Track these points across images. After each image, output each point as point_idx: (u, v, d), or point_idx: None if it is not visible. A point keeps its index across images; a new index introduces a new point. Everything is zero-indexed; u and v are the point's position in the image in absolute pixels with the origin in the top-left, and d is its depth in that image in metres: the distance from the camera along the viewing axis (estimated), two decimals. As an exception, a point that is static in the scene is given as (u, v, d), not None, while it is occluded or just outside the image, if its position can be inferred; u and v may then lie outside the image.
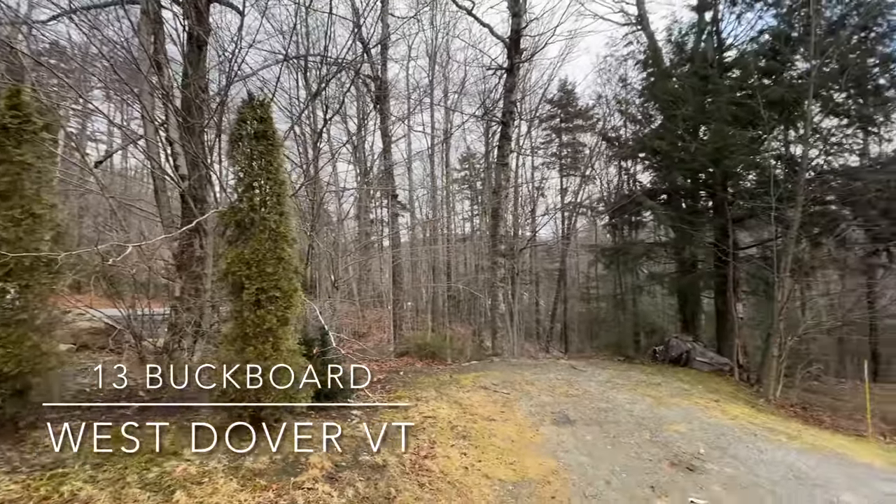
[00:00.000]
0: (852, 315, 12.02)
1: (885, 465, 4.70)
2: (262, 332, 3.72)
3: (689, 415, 5.84)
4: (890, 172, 8.88)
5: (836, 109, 10.10)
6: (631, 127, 16.34)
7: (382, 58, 12.74)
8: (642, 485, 3.71)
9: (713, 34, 12.57)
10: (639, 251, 14.53)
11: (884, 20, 9.61)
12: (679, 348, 11.64)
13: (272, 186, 3.89)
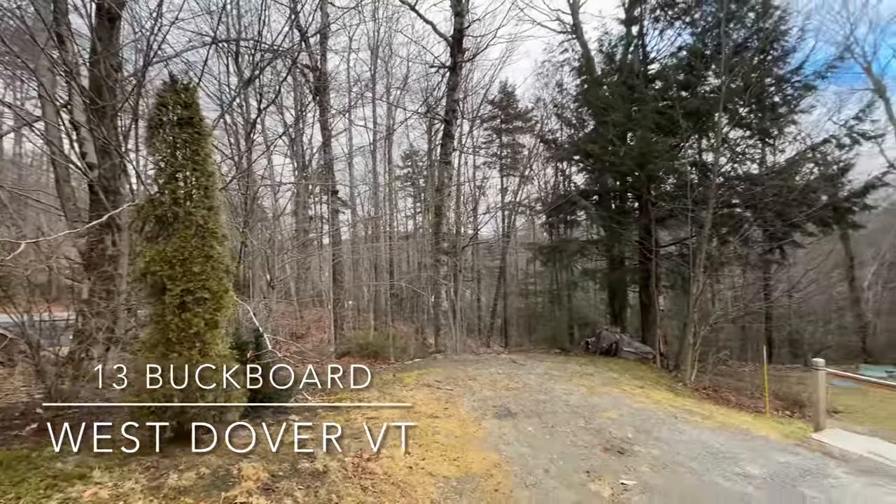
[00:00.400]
0: (752, 305, 13.57)
1: (780, 438, 5.34)
2: (188, 336, 3.42)
3: (619, 402, 6.25)
4: (783, 179, 10.10)
5: (741, 122, 11.32)
6: (567, 130, 17.17)
7: (322, 48, 12.27)
8: (578, 470, 3.91)
9: (639, 47, 13.54)
10: (573, 249, 15.31)
11: (778, 45, 10.91)
12: (609, 339, 12.44)
13: (199, 178, 3.58)
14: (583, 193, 14.63)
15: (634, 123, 11.53)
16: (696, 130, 11.42)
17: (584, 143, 13.41)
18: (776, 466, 4.15)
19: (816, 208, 10.07)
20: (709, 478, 3.82)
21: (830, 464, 4.35)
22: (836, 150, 11.06)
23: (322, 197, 20.29)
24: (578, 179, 17.43)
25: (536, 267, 24.75)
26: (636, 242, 12.81)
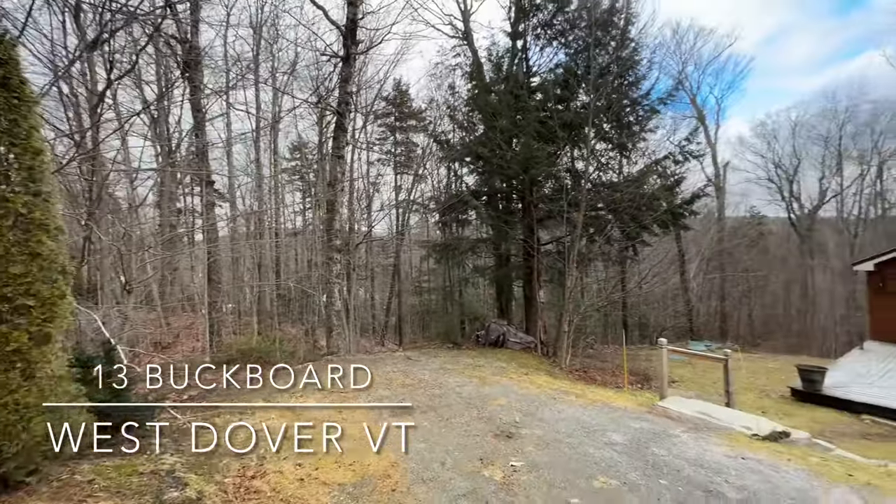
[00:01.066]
0: (613, 296, 15.68)
1: (634, 407, 6.26)
2: (6, 355, 2.72)
3: (507, 389, 6.69)
4: (636, 188, 11.85)
5: (605, 136, 12.98)
6: (459, 132, 17.81)
7: (193, 18, 10.81)
8: (472, 459, 4.07)
9: (523, 60, 14.63)
10: (465, 247, 15.97)
11: (632, 72, 12.76)
12: (497, 332, 13.26)
13: (20, 156, 2.86)
14: (474, 194, 15.32)
15: (519, 130, 12.43)
16: (571, 141, 12.77)
17: (475, 146, 14.04)
18: (633, 432, 4.84)
19: (659, 213, 12.03)
20: (583, 449, 4.30)
21: (672, 425, 5.22)
22: (673, 165, 13.34)
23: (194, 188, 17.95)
24: (470, 180, 18.25)
25: (430, 264, 25.22)
26: (521, 241, 13.84)
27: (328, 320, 12.27)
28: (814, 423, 7.66)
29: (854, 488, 3.38)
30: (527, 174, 12.00)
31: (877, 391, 8.72)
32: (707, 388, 10.41)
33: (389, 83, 23.17)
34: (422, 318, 25.29)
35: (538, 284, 13.25)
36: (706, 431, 5.02)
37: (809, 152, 31.10)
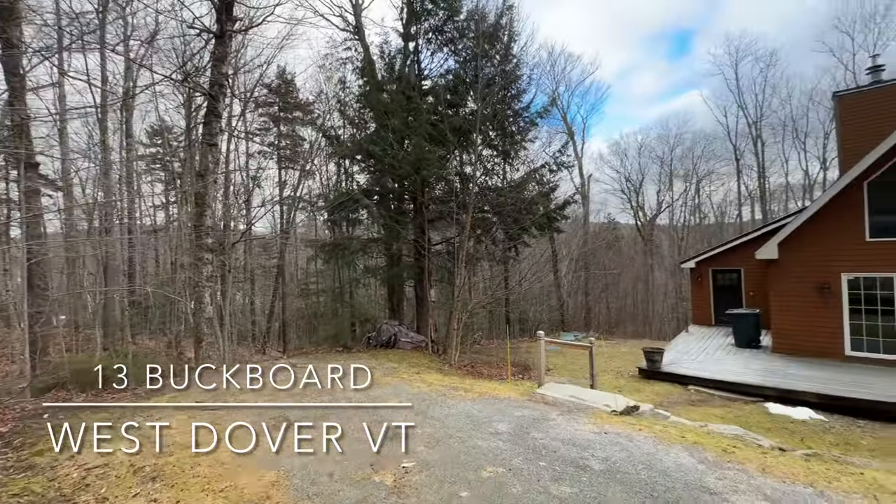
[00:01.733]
0: (497, 293, 16.72)
1: (517, 397, 6.72)
2: None
3: (399, 389, 6.65)
4: (518, 193, 12.83)
5: (491, 143, 13.78)
6: (350, 128, 17.27)
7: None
8: (363, 466, 3.93)
9: (415, 62, 14.79)
10: (356, 247, 15.54)
11: (515, 86, 13.79)
12: (388, 332, 13.16)
13: None
14: (365, 192, 15.00)
15: (411, 131, 12.52)
16: (460, 145, 13.28)
17: (367, 144, 13.76)
18: (516, 421, 5.18)
19: (538, 217, 13.20)
20: (472, 442, 4.45)
21: (549, 410, 5.72)
22: (549, 174, 14.75)
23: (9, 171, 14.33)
24: (361, 178, 17.81)
25: (318, 265, 24.03)
26: (412, 241, 13.97)
27: (197, 329, 10.84)
28: (655, 396, 9.13)
29: (686, 447, 4.08)
30: (418, 175, 12.13)
31: (697, 365, 10.77)
32: (576, 373, 11.69)
33: (273, 70, 21.46)
34: (309, 322, 23.93)
35: (429, 284, 13.51)
36: (576, 412, 5.61)
37: (650, 170, 37.28)
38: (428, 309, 13.48)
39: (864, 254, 10.06)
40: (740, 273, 15.15)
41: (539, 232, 14.96)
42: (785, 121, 32.69)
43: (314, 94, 23.60)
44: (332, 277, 21.87)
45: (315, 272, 25.14)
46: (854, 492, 3.06)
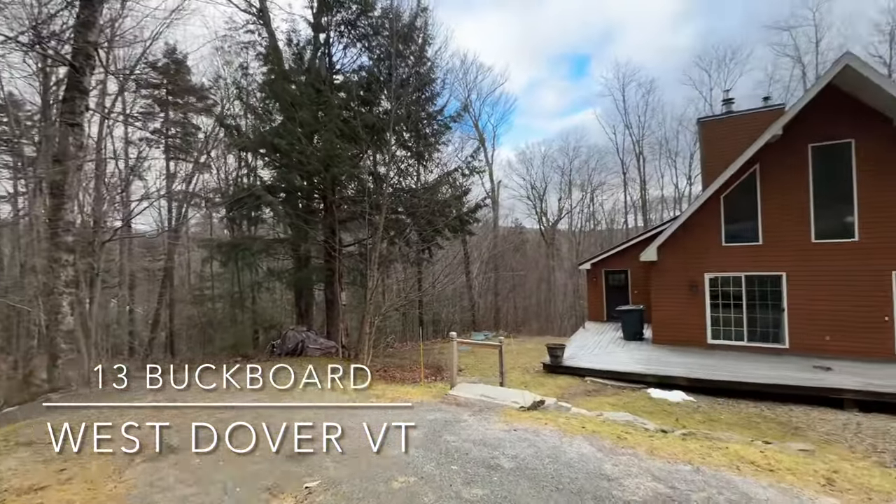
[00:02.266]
0: (411, 295, 16.64)
1: (430, 399, 6.66)
2: None
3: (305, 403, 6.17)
4: (431, 195, 12.88)
5: (405, 144, 13.68)
6: (252, 119, 15.91)
7: None
8: (260, 490, 3.52)
9: (326, 55, 14.12)
10: (259, 247, 14.34)
11: (429, 88, 13.86)
12: (295, 339, 12.33)
13: None
14: (269, 189, 13.91)
15: (322, 125, 11.90)
16: (374, 144, 12.97)
17: (272, 136, 12.77)
18: (428, 424, 5.09)
19: (451, 219, 13.38)
20: (382, 452, 4.26)
21: (460, 412, 5.73)
22: (461, 177, 15.08)
23: None
24: (265, 174, 16.49)
25: (214, 268, 21.80)
26: (322, 242, 13.27)
27: (52, 344, 9.05)
28: (558, 389, 9.75)
29: (586, 437, 4.34)
30: (329, 172, 11.57)
31: (592, 358, 11.76)
32: (486, 371, 12.03)
33: (160, 47, 19.02)
34: (203, 331, 21.55)
35: (340, 287, 12.94)
36: (487, 412, 5.70)
37: (552, 178, 40.27)
38: (339, 313, 12.88)
39: (721, 256, 11.84)
40: (627, 273, 16.95)
41: (452, 234, 15.19)
42: (661, 141, 37.58)
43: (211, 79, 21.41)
44: (232, 281, 19.97)
45: (211, 275, 22.75)
46: (722, 465, 3.49)
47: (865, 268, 10.25)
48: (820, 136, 10.72)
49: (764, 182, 11.36)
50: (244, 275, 18.44)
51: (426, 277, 22.06)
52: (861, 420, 7.60)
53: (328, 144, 11.51)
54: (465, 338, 21.23)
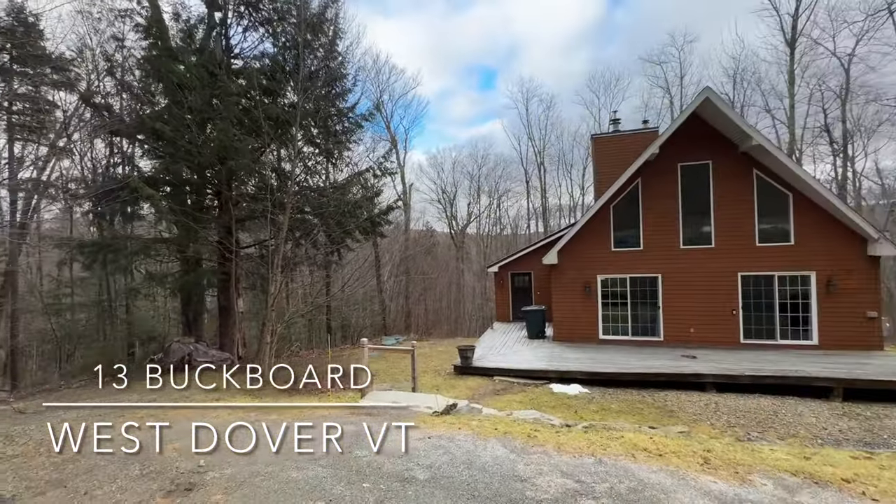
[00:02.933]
0: (318, 300, 15.78)
1: (339, 412, 6.28)
2: None
3: (182, 427, 5.40)
4: (342, 194, 12.34)
5: (313, 140, 12.93)
6: (129, 100, 13.78)
7: None
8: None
9: (223, 36, 12.79)
10: (135, 248, 12.44)
11: (340, 84, 13.30)
12: (181, 352, 10.89)
13: None
14: (150, 181, 12.14)
15: (216, 113, 10.73)
16: (278, 139, 12.03)
17: (154, 121, 11.17)
18: (338, 438, 4.76)
19: (362, 220, 12.95)
20: (285, 475, 3.85)
21: (372, 422, 5.47)
22: (373, 178, 14.72)
23: None
24: (145, 164, 14.39)
25: (76, 271, 18.49)
26: (216, 242, 11.94)
27: None
28: (468, 390, 9.92)
29: (499, 439, 4.40)
30: (224, 165, 10.46)
31: (500, 358, 12.23)
32: (398, 376, 11.82)
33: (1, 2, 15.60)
34: (59, 348, 18.07)
35: (237, 292, 11.75)
36: (401, 419, 5.52)
37: (462, 183, 41.52)
38: (235, 321, 11.67)
39: (611, 260, 13.13)
40: (531, 276, 18.02)
41: (364, 236, 14.75)
42: (559, 154, 41.00)
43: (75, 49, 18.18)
44: (99, 287, 17.06)
45: (71, 281, 19.22)
46: (620, 454, 3.77)
47: (719, 269, 12.13)
48: (686, 156, 12.46)
49: (644, 195, 12.87)
50: (116, 280, 15.87)
51: (335, 281, 21.14)
52: (719, 400, 8.91)
53: (224, 134, 10.39)
54: (375, 343, 20.75)
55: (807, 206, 11.51)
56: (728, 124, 11.68)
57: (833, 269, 11.27)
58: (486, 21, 68.21)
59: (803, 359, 10.47)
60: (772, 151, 11.26)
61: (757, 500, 2.93)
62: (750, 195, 11.97)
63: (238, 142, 10.43)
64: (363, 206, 13.52)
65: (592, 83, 60.65)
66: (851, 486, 3.07)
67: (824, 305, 11.35)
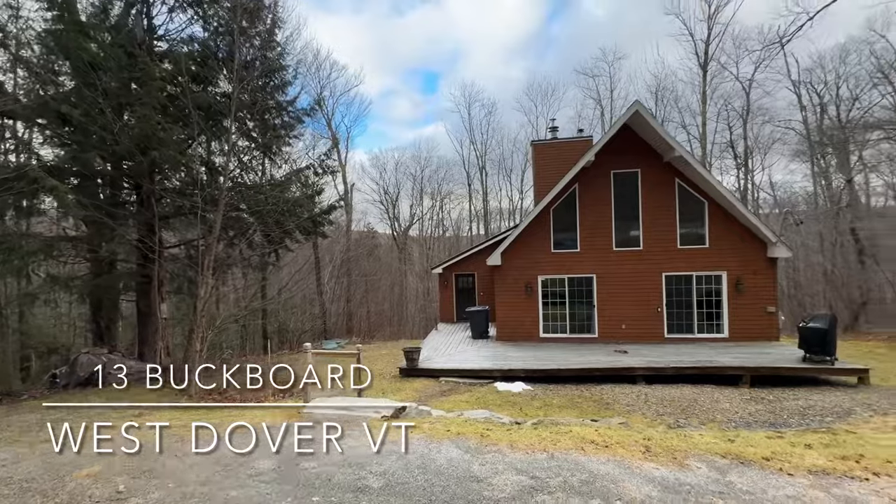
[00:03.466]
0: (254, 304, 14.84)
1: (282, 420, 5.90)
2: None
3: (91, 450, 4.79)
4: (281, 192, 11.70)
5: (249, 134, 12.15)
6: (27, 78, 12.05)
7: None
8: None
9: (144, 15, 11.63)
10: (33, 247, 10.89)
11: (279, 76, 12.63)
12: (91, 365, 9.71)
13: None
14: (54, 171, 10.68)
15: (136, 98, 9.71)
16: (209, 130, 11.14)
17: (60, 104, 9.85)
18: (283, 450, 4.46)
19: (303, 220, 12.38)
20: (222, 496, 3.53)
21: (319, 430, 5.20)
22: (314, 176, 14.14)
23: None
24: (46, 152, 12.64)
25: (-48, 274, 15.83)
26: (135, 242, 10.79)
27: None
28: (415, 392, 9.82)
29: (452, 440, 4.38)
30: (146, 156, 9.48)
31: (445, 359, 12.28)
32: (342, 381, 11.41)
33: None
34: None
35: (160, 297, 10.71)
36: (350, 426, 5.31)
37: (405, 185, 41.33)
38: (158, 328, 10.60)
39: (551, 261, 13.69)
40: (475, 277, 18.31)
41: (304, 237, 14.10)
42: (499, 158, 42.15)
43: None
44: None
45: (-56, 285, 16.40)
46: (570, 448, 3.90)
47: (646, 270, 13.11)
48: (619, 164, 13.33)
49: (581, 199, 13.59)
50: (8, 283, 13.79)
51: (272, 284, 20.03)
52: (648, 391, 9.60)
53: (146, 122, 9.41)
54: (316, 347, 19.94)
55: (719, 213, 12.80)
56: (654, 136, 12.68)
57: (741, 269, 12.62)
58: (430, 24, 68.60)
59: (716, 350, 11.60)
60: (691, 162, 12.38)
61: (694, 482, 3.17)
62: (673, 202, 13.07)
63: (162, 131, 9.49)
64: (304, 204, 12.92)
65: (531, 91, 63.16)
66: (770, 464, 3.43)
67: (733, 302, 12.67)
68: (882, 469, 3.30)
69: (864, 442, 4.13)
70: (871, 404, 8.34)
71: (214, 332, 10.06)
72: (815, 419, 7.78)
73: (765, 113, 29.41)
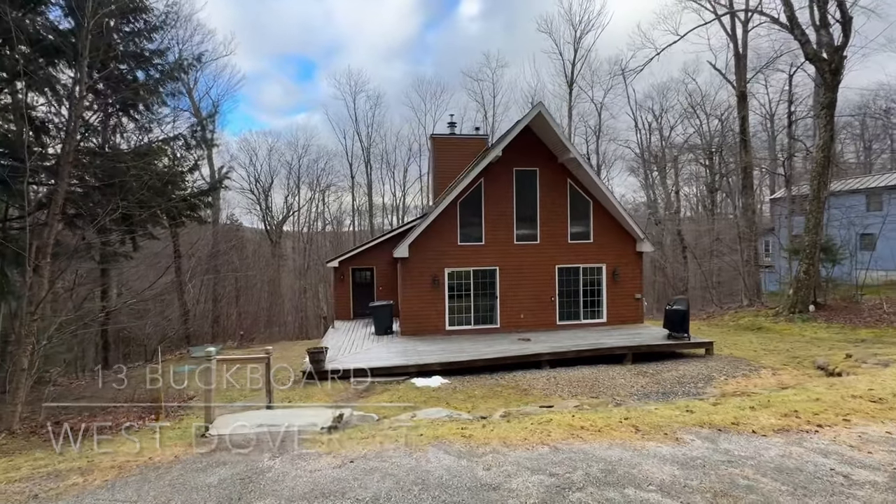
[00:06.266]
0: (97, 306, 11.70)
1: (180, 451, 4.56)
2: None
3: None
4: (146, 163, 9.32)
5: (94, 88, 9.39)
6: None
7: None
8: None
9: None
10: None
11: (144, 17, 10.06)
12: None
13: None
14: None
15: None
16: (35, 73, 8.24)
17: None
18: (208, 492, 3.37)
19: (175, 200, 10.11)
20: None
21: (249, 458, 4.12)
22: (185, 150, 11.72)
23: None
24: None
25: None
26: None
27: None
28: (328, 397, 8.79)
29: (435, 445, 3.82)
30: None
31: (352, 358, 11.33)
32: (227, 394, 9.64)
33: None
34: None
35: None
36: (288, 446, 4.34)
37: (280, 173, 37.76)
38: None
39: (457, 254, 13.74)
40: (373, 271, 17.47)
41: (171, 222, 11.58)
42: (382, 153, 41.39)
43: None
44: None
45: None
46: (566, 438, 3.72)
47: (542, 263, 14.09)
48: (520, 163, 14.03)
49: (486, 194, 13.93)
50: None
51: (113, 280, 16.13)
52: (555, 374, 10.24)
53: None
54: (178, 356, 16.73)
55: (601, 212, 14.41)
56: (552, 137, 13.65)
57: (616, 262, 14.42)
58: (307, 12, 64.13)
59: (600, 334, 13.03)
60: (583, 164, 13.66)
61: (699, 455, 3.27)
62: (565, 200, 14.27)
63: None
64: (174, 182, 10.54)
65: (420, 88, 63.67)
66: (741, 427, 3.76)
67: (610, 291, 14.42)
68: (816, 421, 3.89)
69: (772, 399, 4.87)
70: (721, 369, 10.25)
71: (47, 344, 7.45)
72: (690, 385, 9.22)
73: (612, 132, 34.87)
